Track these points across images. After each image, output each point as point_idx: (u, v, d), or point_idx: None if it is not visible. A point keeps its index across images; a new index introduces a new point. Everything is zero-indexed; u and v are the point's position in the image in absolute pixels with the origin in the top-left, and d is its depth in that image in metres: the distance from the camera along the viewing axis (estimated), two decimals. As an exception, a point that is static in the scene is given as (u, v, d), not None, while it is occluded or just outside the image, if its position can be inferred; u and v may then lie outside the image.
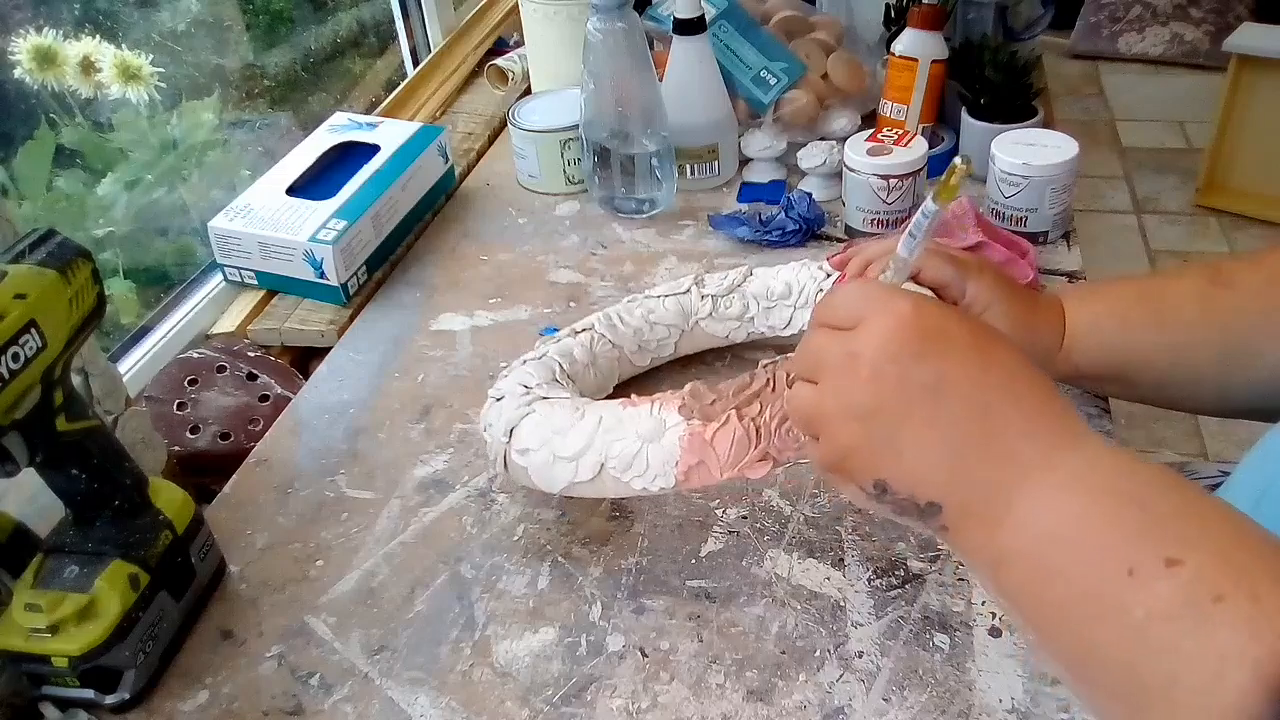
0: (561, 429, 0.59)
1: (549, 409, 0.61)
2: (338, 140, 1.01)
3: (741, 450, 0.55)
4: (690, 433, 0.55)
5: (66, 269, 0.53)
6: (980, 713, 0.53)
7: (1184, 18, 3.08)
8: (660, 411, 0.57)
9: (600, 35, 0.91)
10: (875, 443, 0.42)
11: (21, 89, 0.86)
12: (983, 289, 0.63)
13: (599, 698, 0.55)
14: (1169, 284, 0.64)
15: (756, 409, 0.55)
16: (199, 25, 1.13)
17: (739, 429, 0.54)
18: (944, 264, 0.63)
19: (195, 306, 0.91)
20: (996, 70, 0.96)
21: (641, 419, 0.57)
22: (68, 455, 0.55)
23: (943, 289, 0.63)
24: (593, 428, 0.58)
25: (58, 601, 0.54)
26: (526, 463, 0.61)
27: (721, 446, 0.55)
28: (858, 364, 0.42)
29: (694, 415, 0.56)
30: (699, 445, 0.55)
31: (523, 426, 0.61)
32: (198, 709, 0.57)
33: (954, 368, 0.41)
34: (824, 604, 0.60)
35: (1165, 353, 0.62)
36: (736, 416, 0.55)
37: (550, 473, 0.60)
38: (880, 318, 0.42)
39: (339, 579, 0.64)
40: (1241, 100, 2.34)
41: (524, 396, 0.63)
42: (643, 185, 0.97)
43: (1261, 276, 0.60)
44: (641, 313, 0.74)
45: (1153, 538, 0.34)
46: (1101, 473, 0.37)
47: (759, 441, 0.55)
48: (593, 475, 0.58)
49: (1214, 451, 1.82)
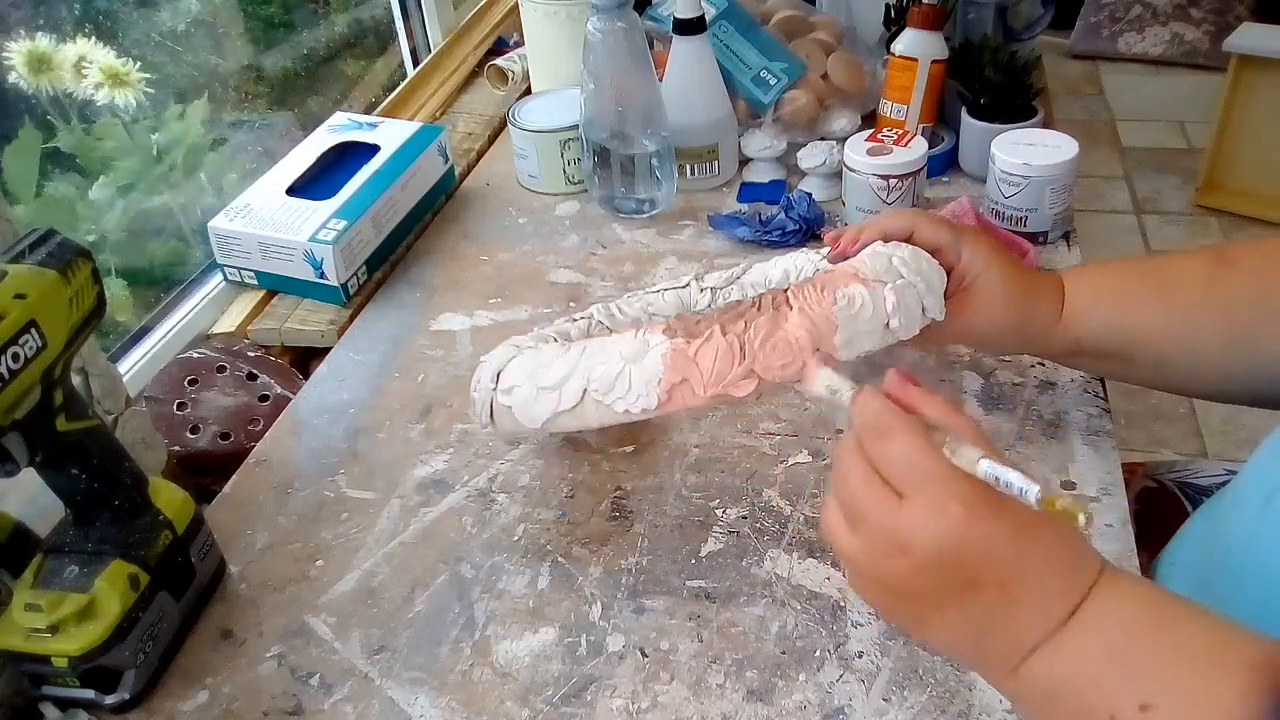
0: (546, 362, 0.58)
1: (535, 350, 0.60)
2: (338, 140, 1.01)
3: (726, 366, 0.53)
4: (673, 349, 0.54)
5: (66, 269, 0.53)
6: (980, 713, 0.53)
7: (1184, 18, 3.08)
8: (644, 335, 0.56)
9: (600, 35, 0.91)
10: (905, 614, 0.44)
11: (17, 92, 0.86)
12: (978, 253, 0.63)
13: (599, 698, 0.55)
14: (1173, 263, 0.63)
15: (742, 326, 0.54)
16: (199, 25, 1.13)
17: (723, 344, 0.53)
18: (940, 228, 0.63)
19: (195, 306, 0.91)
20: (996, 70, 0.96)
21: (625, 342, 0.56)
22: (68, 455, 0.55)
23: (939, 251, 0.63)
24: (576, 355, 0.57)
25: (58, 601, 0.54)
26: (511, 401, 0.59)
27: (705, 362, 0.53)
28: (900, 556, 0.42)
29: (678, 334, 0.55)
30: (682, 362, 0.54)
31: (509, 368, 0.60)
32: (198, 709, 0.57)
33: (992, 568, 0.41)
34: (824, 604, 0.60)
35: (1167, 331, 0.61)
36: (720, 332, 0.54)
37: (534, 406, 0.58)
38: (932, 514, 0.41)
39: (339, 579, 0.64)
40: (1241, 100, 2.34)
41: (513, 350, 0.63)
42: (643, 185, 0.97)
43: (1266, 259, 0.59)
44: (640, 305, 0.74)
45: (1130, 686, 0.39)
46: (1099, 629, 0.41)
47: (743, 358, 0.53)
48: (575, 402, 0.56)
49: (1214, 451, 1.82)
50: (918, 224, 0.63)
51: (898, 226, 0.63)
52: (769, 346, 0.53)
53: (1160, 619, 0.40)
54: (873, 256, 0.59)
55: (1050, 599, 0.41)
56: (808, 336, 0.53)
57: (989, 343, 0.68)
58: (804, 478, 0.68)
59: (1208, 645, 0.39)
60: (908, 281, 0.57)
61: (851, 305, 0.54)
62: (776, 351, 0.53)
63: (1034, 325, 0.63)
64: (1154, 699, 0.38)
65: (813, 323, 0.53)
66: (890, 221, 0.63)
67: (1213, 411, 1.85)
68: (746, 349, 0.53)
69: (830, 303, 0.54)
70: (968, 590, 0.41)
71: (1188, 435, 1.86)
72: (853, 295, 0.55)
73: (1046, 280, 0.64)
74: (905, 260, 0.58)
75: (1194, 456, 1.81)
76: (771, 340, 0.53)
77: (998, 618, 0.42)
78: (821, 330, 0.54)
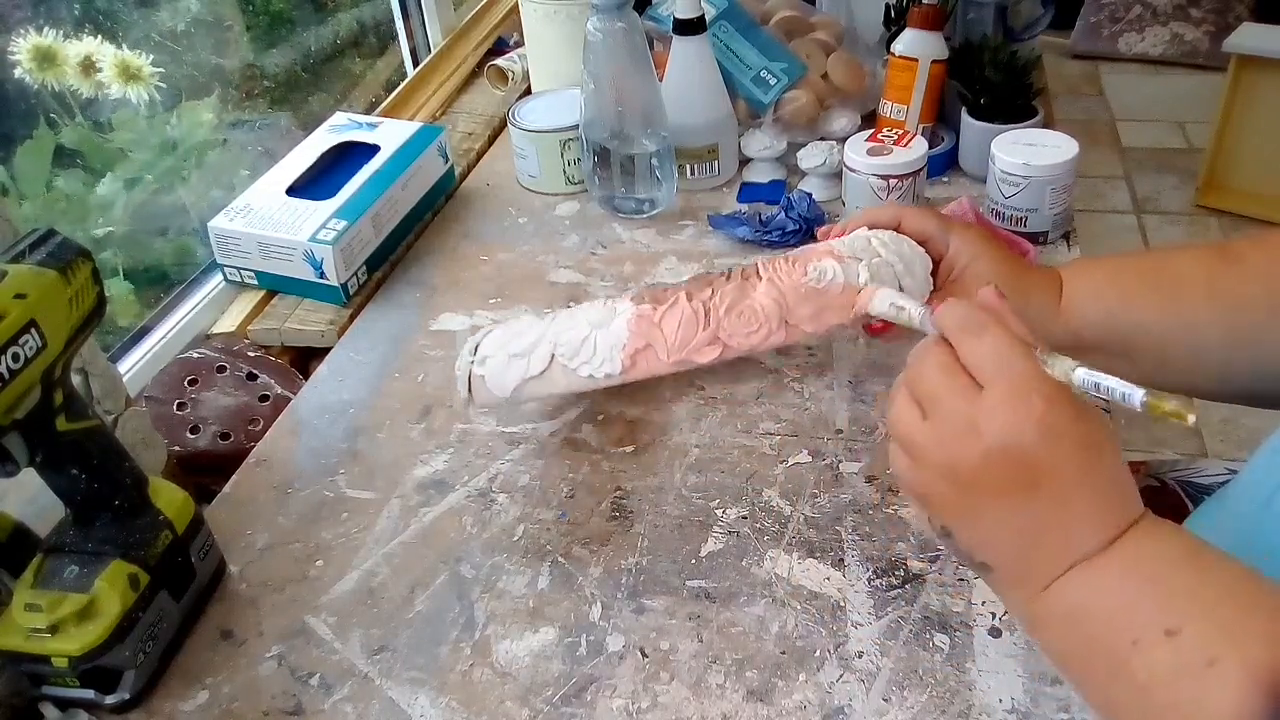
0: (519, 331, 0.58)
1: (513, 321, 0.61)
2: (338, 140, 1.01)
3: (690, 331, 0.53)
4: (639, 314, 0.54)
5: (66, 269, 0.53)
6: (980, 713, 0.53)
7: (1184, 18, 3.08)
8: (613, 302, 0.56)
9: (600, 35, 0.91)
10: (960, 505, 0.44)
11: (22, 89, 0.86)
12: (967, 243, 0.62)
13: (599, 698, 0.55)
14: (1175, 257, 0.63)
15: (709, 293, 0.54)
16: (199, 25, 1.13)
17: (687, 309, 0.53)
18: (927, 217, 0.63)
19: (195, 306, 0.91)
20: (996, 70, 0.96)
21: (594, 309, 0.56)
22: (68, 455, 0.55)
23: (927, 241, 0.62)
24: (546, 324, 0.57)
25: (58, 601, 0.54)
26: (485, 371, 0.60)
27: (669, 327, 0.54)
28: (972, 438, 0.42)
29: (645, 301, 0.55)
30: (646, 327, 0.54)
31: (486, 340, 0.60)
32: (198, 709, 0.57)
33: (1057, 472, 0.42)
34: (824, 604, 0.60)
35: (1169, 326, 0.60)
36: (685, 298, 0.54)
37: (505, 374, 0.58)
38: (1013, 403, 0.42)
39: (339, 579, 0.64)
40: (1241, 100, 2.34)
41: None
42: (643, 185, 0.97)
43: (1270, 255, 0.59)
44: None
45: (1159, 611, 0.40)
46: (1135, 557, 0.42)
47: (708, 324, 0.53)
48: (543, 367, 0.57)
49: (1214, 451, 1.82)
50: (904, 214, 0.63)
51: (885, 217, 0.63)
52: (734, 314, 0.54)
53: (1198, 558, 0.41)
54: (853, 237, 0.59)
55: (1101, 520, 0.42)
56: (774, 305, 0.53)
57: None
58: (804, 478, 0.68)
59: (1242, 586, 0.40)
60: (884, 260, 0.57)
61: (822, 277, 0.54)
62: (742, 319, 0.53)
63: (1027, 316, 0.63)
64: (1181, 625, 0.38)
65: (780, 292, 0.53)
66: (877, 212, 0.64)
67: (1213, 411, 1.85)
68: (712, 315, 0.54)
69: (801, 274, 0.54)
70: (1028, 489, 0.42)
71: (1188, 435, 1.86)
72: (824, 268, 0.54)
73: (1041, 272, 0.64)
74: (885, 242, 0.58)
75: (1194, 456, 1.81)
76: (738, 308, 0.53)
77: (1049, 525, 0.42)
78: (789, 300, 0.53)
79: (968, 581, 0.60)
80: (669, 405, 0.75)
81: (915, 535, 0.63)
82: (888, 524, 0.64)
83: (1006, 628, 0.57)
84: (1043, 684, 0.54)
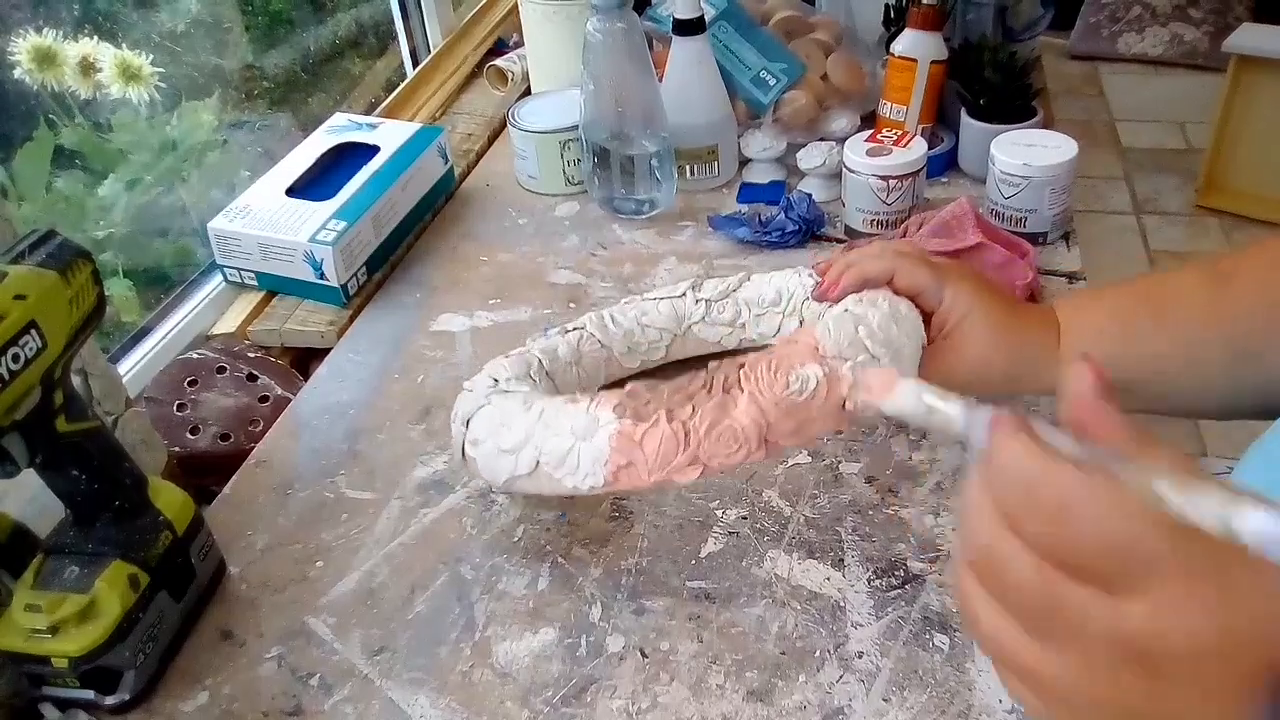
0: (507, 421, 0.58)
1: (503, 401, 0.60)
2: (337, 141, 1.01)
3: (670, 452, 0.53)
4: (620, 431, 0.54)
5: (66, 270, 0.53)
6: (980, 713, 0.53)
7: (1184, 18, 3.08)
8: (595, 409, 0.55)
9: (600, 35, 0.91)
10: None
11: (21, 89, 0.86)
12: (960, 295, 0.61)
13: (599, 698, 0.55)
14: (1169, 284, 0.62)
15: (689, 411, 0.53)
16: (198, 25, 1.13)
17: (667, 430, 0.53)
18: (920, 268, 0.61)
19: (195, 307, 0.91)
20: (996, 71, 0.96)
21: (577, 415, 0.56)
22: (68, 456, 0.55)
23: (918, 295, 0.61)
24: (532, 421, 0.57)
25: (58, 602, 0.54)
26: (477, 454, 0.60)
27: (649, 447, 0.53)
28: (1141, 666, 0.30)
29: (626, 414, 0.54)
30: (627, 445, 0.54)
31: (478, 418, 0.60)
32: (198, 710, 0.57)
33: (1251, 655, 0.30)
34: (824, 604, 0.60)
35: (1174, 356, 0.60)
36: (666, 418, 0.53)
37: (494, 465, 0.59)
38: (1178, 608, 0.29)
39: (339, 580, 0.64)
40: (1241, 100, 2.34)
41: (489, 390, 0.63)
42: (642, 186, 0.97)
43: (1263, 264, 0.58)
44: (635, 314, 0.74)
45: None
46: None
47: (687, 445, 0.53)
48: (529, 470, 0.57)
49: (1214, 450, 1.82)
50: (899, 267, 0.61)
51: (878, 271, 0.61)
52: (714, 435, 0.53)
53: None
54: (839, 323, 0.57)
55: None
56: (754, 426, 0.53)
57: (977, 386, 0.63)
58: (804, 478, 0.68)
59: None
60: (871, 357, 0.56)
61: (804, 388, 0.53)
62: (722, 441, 0.53)
63: (1024, 366, 0.62)
64: None
65: (760, 410, 0.53)
66: (871, 266, 0.62)
67: (1212, 411, 1.85)
68: (692, 436, 0.53)
69: (783, 387, 0.53)
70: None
71: (1187, 436, 1.86)
72: (806, 378, 0.53)
73: (1036, 317, 0.63)
74: (874, 331, 0.57)
75: (1194, 456, 1.81)
76: (717, 429, 0.53)
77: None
78: (770, 417, 0.53)
79: (968, 582, 0.60)
80: (669, 406, 0.75)
81: (915, 535, 0.63)
82: (888, 524, 0.64)
83: (1006, 628, 0.57)
84: (1043, 684, 0.54)
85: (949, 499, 0.65)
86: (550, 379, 0.69)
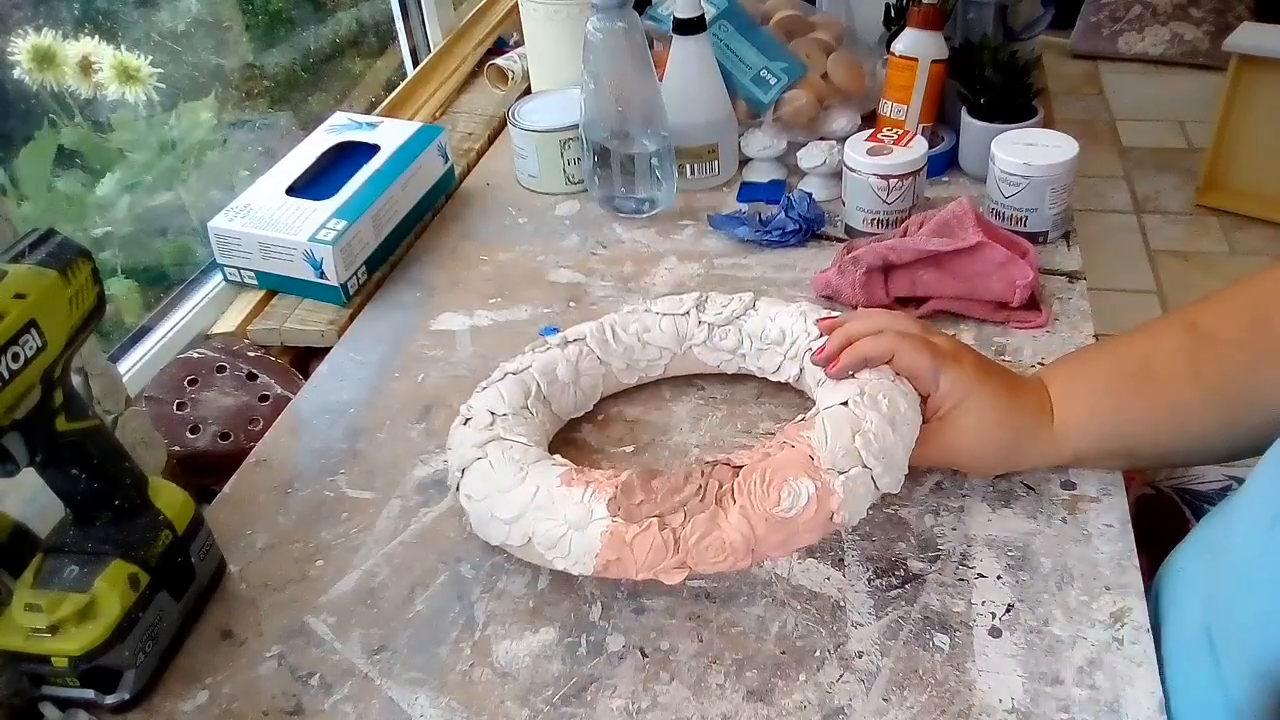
0: (503, 488, 0.60)
1: (500, 458, 0.61)
2: (337, 140, 1.01)
3: (658, 557, 0.55)
4: (611, 530, 0.56)
5: (66, 269, 0.53)
6: (980, 713, 0.53)
7: (1184, 17, 3.08)
8: (590, 499, 0.57)
9: (600, 35, 0.91)
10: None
11: (22, 89, 0.86)
12: (958, 380, 0.61)
13: (599, 698, 0.55)
14: (1151, 350, 0.62)
15: (680, 518, 0.55)
16: (199, 25, 1.13)
17: (657, 538, 0.55)
18: (919, 353, 0.62)
19: (195, 306, 0.91)
20: (996, 70, 0.96)
21: (571, 504, 0.57)
22: (68, 455, 0.55)
23: (916, 378, 0.62)
24: (527, 499, 0.59)
25: (58, 601, 0.54)
26: (471, 508, 0.62)
27: (639, 550, 0.55)
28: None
29: (619, 512, 0.56)
30: (618, 544, 0.56)
31: (473, 472, 0.62)
32: (198, 709, 0.57)
33: None
34: (824, 604, 0.60)
35: (1168, 422, 0.61)
36: (658, 525, 0.55)
37: (488, 527, 0.61)
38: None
39: (339, 579, 0.64)
40: (1241, 100, 2.34)
41: (486, 429, 0.64)
42: (643, 185, 0.97)
43: (1244, 324, 0.59)
44: (637, 329, 0.74)
45: None
46: None
47: (676, 551, 0.55)
48: (521, 544, 0.59)
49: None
50: (898, 349, 0.61)
51: (878, 353, 0.62)
52: (703, 545, 0.55)
53: None
54: (836, 428, 0.58)
55: None
56: (742, 540, 0.55)
57: (974, 465, 0.65)
58: (804, 478, 0.68)
59: None
60: (863, 468, 0.57)
61: (795, 505, 0.55)
62: (709, 551, 0.55)
63: (1020, 451, 0.63)
64: None
65: (750, 525, 0.55)
66: (871, 348, 0.62)
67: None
68: (681, 544, 0.55)
69: (774, 503, 0.55)
70: None
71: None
72: (798, 494, 0.55)
73: (1031, 396, 0.63)
74: (870, 441, 0.57)
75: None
76: (706, 540, 0.55)
77: None
78: (759, 532, 0.55)
79: (968, 581, 0.60)
80: (669, 405, 0.75)
81: (915, 535, 0.63)
82: (888, 524, 0.64)
83: (1006, 628, 0.57)
84: (1043, 684, 0.54)
85: (949, 499, 0.65)
86: (547, 405, 0.70)
